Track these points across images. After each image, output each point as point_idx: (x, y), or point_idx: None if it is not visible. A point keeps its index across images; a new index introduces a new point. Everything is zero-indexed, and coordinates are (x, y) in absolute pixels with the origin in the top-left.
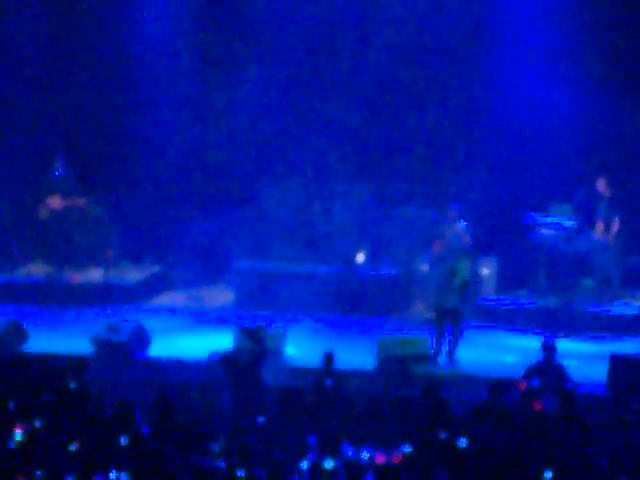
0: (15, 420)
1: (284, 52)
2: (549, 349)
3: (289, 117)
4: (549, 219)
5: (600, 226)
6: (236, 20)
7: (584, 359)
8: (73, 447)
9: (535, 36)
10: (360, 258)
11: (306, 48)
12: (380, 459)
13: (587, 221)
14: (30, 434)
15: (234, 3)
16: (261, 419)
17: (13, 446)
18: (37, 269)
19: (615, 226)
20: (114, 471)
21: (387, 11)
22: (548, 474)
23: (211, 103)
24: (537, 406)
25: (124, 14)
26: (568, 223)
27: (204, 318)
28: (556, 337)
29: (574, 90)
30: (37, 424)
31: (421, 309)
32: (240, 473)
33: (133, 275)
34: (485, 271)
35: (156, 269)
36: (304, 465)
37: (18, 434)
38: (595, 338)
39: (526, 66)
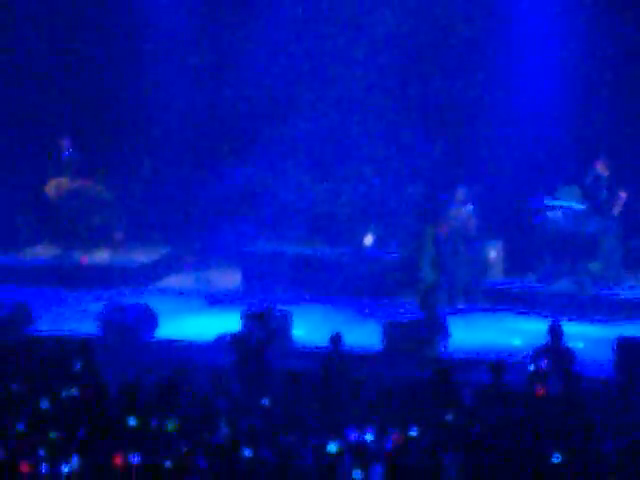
0: (20, 402)
1: None
2: (556, 332)
3: (295, 88)
4: (556, 202)
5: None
6: None
7: (592, 342)
8: (80, 429)
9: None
10: (368, 240)
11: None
12: (388, 442)
13: (594, 204)
14: (35, 416)
15: None
16: (267, 401)
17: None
18: (44, 251)
19: (617, 208)
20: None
21: None
22: (556, 458)
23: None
24: (540, 391)
25: None
26: (576, 206)
27: (212, 300)
28: (564, 320)
29: (586, 73)
30: (42, 406)
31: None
32: (247, 453)
33: (141, 257)
34: (492, 254)
35: (164, 251)
36: (310, 447)
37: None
38: (603, 321)
39: (536, 48)
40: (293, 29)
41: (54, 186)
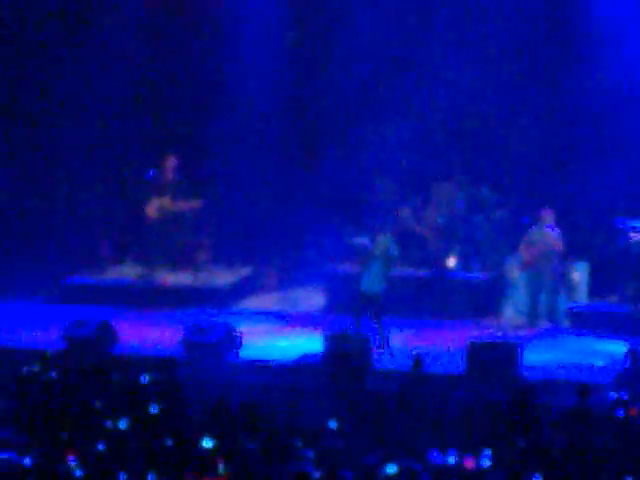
0: (101, 422)
1: None
2: (635, 355)
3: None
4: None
5: None
6: None
7: None
8: (158, 446)
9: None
10: (451, 262)
11: None
12: (469, 464)
13: None
14: (116, 435)
15: None
16: (350, 423)
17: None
18: (128, 271)
19: None
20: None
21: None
22: None
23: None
24: (632, 411)
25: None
26: None
27: (294, 321)
28: None
29: None
30: (123, 425)
31: (511, 314)
32: (326, 475)
33: (224, 277)
34: (576, 276)
35: (247, 271)
36: (391, 469)
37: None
38: None
39: (625, 66)
40: (385, 28)
41: (156, 206)
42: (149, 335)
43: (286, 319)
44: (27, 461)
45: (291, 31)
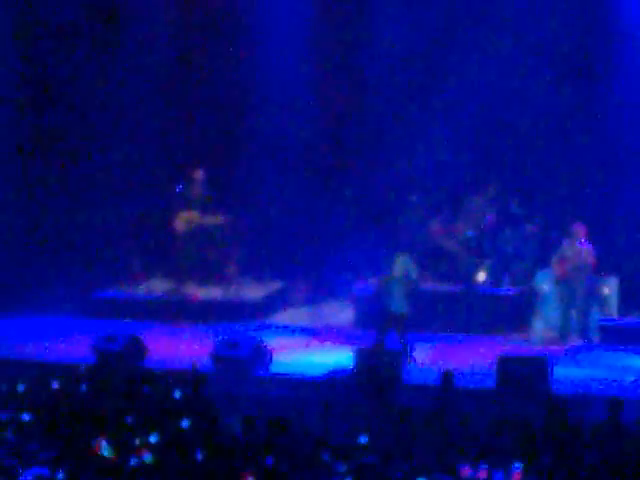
0: (134, 435)
1: None
2: None
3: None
4: None
5: None
6: None
7: None
8: (189, 461)
9: None
10: (481, 277)
11: None
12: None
13: None
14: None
15: None
16: (380, 437)
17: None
18: (157, 285)
19: None
20: None
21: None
22: None
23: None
24: None
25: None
26: None
27: (323, 336)
28: None
29: None
30: (153, 439)
31: (541, 328)
32: None
33: (254, 291)
34: (606, 291)
35: (276, 285)
36: None
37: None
38: None
39: None
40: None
41: (185, 220)
42: (179, 350)
43: (315, 334)
44: (60, 476)
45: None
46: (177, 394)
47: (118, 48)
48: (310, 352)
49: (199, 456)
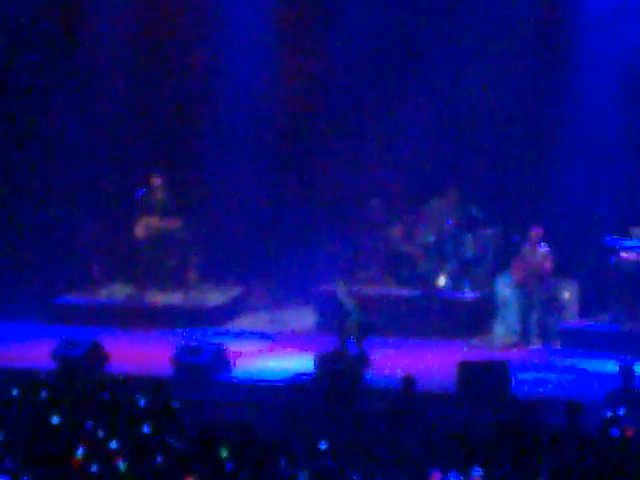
0: (95, 441)
1: None
2: (627, 375)
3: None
4: (630, 242)
5: None
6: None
7: None
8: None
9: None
10: (441, 281)
11: None
12: None
13: None
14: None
15: None
16: (341, 442)
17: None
18: (117, 291)
19: None
20: None
21: None
22: None
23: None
24: (629, 432)
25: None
26: None
27: (284, 341)
28: (638, 362)
29: None
30: (113, 446)
31: (501, 333)
32: None
33: (214, 297)
34: (566, 295)
35: (237, 291)
36: None
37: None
38: None
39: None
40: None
41: (144, 226)
42: (140, 355)
43: (276, 339)
44: None
45: None
46: (138, 400)
47: (73, 51)
48: (271, 357)
49: (159, 461)
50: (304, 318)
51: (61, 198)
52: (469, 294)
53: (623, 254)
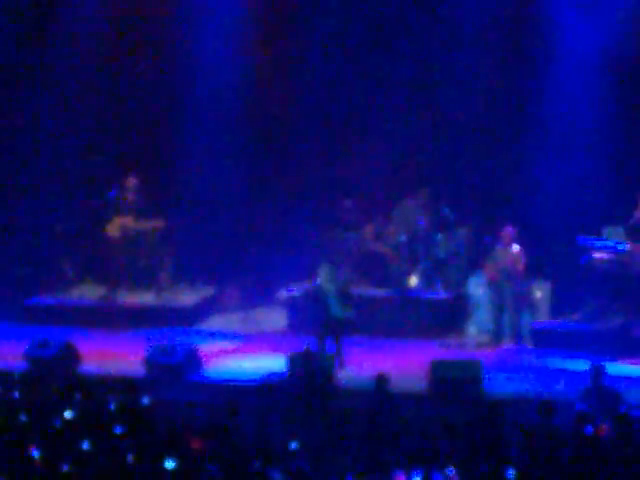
0: (66, 442)
1: None
2: (598, 373)
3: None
4: (602, 242)
5: None
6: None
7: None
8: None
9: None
10: (413, 281)
11: None
12: None
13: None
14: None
15: None
16: (314, 442)
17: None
18: (89, 291)
19: None
20: None
21: None
22: None
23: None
24: (602, 430)
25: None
26: (621, 246)
27: (257, 341)
28: (610, 361)
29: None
30: (85, 446)
31: (474, 332)
32: None
33: (186, 297)
34: (538, 294)
35: (209, 291)
36: None
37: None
38: None
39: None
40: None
41: (117, 226)
42: (112, 356)
43: (248, 339)
44: None
45: None
46: (110, 400)
47: (43, 49)
48: (243, 357)
49: (129, 460)
50: (276, 318)
51: (33, 198)
52: (441, 294)
53: (595, 254)
